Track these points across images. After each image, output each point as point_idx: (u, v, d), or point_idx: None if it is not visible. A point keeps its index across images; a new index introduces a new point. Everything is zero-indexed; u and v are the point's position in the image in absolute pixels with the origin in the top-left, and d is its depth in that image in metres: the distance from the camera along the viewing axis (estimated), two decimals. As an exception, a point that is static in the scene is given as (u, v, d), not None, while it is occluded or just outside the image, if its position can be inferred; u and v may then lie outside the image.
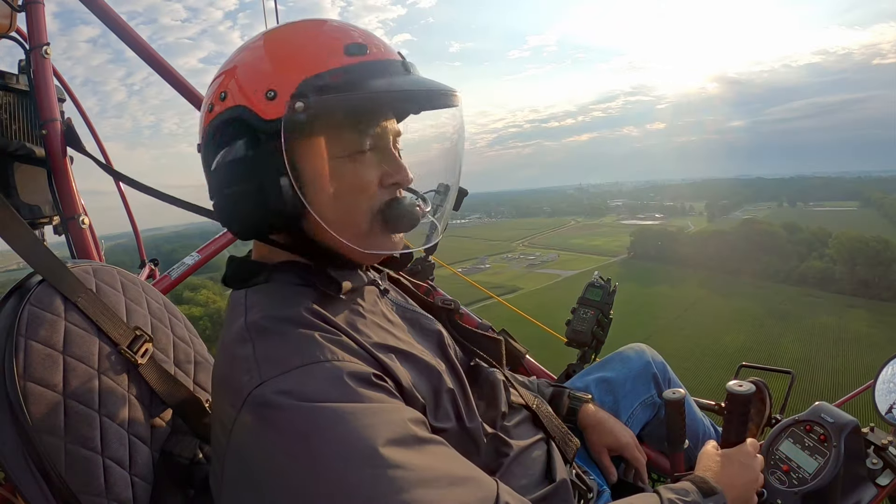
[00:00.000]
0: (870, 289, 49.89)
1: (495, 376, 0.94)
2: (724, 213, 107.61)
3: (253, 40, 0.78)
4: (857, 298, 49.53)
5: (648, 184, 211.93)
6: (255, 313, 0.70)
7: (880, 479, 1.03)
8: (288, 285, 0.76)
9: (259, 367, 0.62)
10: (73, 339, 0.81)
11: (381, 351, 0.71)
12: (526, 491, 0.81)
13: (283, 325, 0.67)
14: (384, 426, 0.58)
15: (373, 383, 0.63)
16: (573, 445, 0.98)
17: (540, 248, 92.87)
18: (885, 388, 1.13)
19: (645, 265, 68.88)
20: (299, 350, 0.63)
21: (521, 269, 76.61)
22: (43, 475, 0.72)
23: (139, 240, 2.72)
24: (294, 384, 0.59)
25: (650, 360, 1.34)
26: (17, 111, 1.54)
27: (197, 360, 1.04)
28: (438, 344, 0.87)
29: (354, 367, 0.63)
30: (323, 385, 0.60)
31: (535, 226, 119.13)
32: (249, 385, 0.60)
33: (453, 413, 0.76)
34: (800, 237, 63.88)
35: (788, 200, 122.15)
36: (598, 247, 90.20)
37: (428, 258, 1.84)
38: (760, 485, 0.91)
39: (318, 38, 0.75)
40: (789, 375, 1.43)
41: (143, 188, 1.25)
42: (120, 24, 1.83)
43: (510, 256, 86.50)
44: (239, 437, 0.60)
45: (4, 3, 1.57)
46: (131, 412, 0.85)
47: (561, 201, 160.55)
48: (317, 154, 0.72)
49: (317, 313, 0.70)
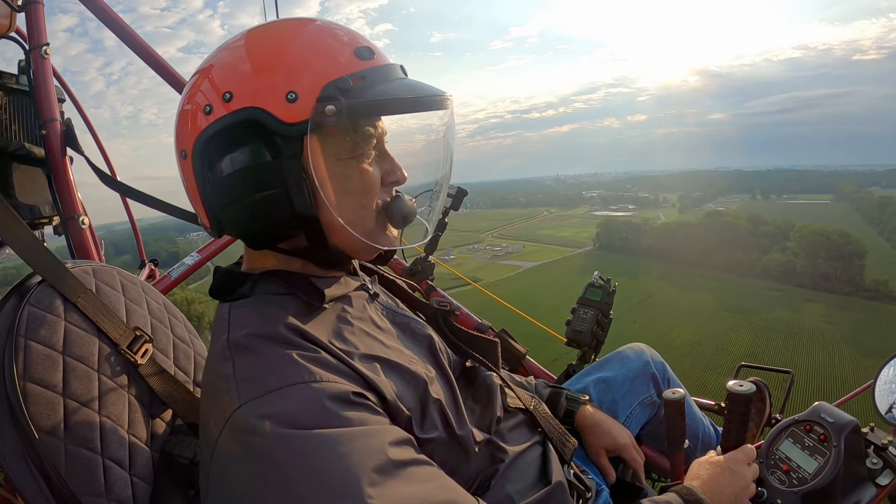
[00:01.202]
0: (830, 283, 49.33)
1: (492, 380, 0.94)
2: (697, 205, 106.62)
3: (249, 40, 0.75)
4: (817, 293, 49.07)
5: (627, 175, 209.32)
6: (237, 330, 0.69)
7: (880, 479, 1.03)
8: (270, 297, 0.75)
9: (238, 387, 0.62)
10: (72, 339, 0.81)
11: (365, 362, 0.70)
12: (522, 495, 0.81)
13: (262, 344, 0.66)
14: (360, 454, 0.57)
15: (353, 403, 0.62)
16: (571, 445, 0.98)
17: (508, 239, 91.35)
18: (885, 388, 1.13)
19: (608, 257, 68.51)
20: (277, 371, 0.62)
21: (484, 261, 75.34)
22: (43, 475, 0.72)
23: (139, 240, 2.72)
24: (272, 408, 0.59)
25: (649, 360, 1.34)
26: (17, 111, 1.54)
27: (197, 360, 1.05)
28: (429, 349, 0.87)
29: (333, 387, 0.62)
30: (300, 409, 0.59)
31: (508, 216, 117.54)
32: (230, 407, 0.60)
33: (441, 422, 0.75)
34: (763, 230, 63.47)
35: (762, 193, 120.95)
36: (566, 238, 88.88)
37: (427, 258, 1.84)
38: (752, 494, 0.91)
39: (327, 41, 0.74)
40: (788, 375, 1.43)
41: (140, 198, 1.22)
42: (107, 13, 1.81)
43: (477, 247, 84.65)
44: (220, 460, 0.60)
45: (4, 4, 1.57)
46: (131, 412, 0.85)
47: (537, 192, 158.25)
48: (335, 156, 0.72)
49: (296, 329, 0.69)
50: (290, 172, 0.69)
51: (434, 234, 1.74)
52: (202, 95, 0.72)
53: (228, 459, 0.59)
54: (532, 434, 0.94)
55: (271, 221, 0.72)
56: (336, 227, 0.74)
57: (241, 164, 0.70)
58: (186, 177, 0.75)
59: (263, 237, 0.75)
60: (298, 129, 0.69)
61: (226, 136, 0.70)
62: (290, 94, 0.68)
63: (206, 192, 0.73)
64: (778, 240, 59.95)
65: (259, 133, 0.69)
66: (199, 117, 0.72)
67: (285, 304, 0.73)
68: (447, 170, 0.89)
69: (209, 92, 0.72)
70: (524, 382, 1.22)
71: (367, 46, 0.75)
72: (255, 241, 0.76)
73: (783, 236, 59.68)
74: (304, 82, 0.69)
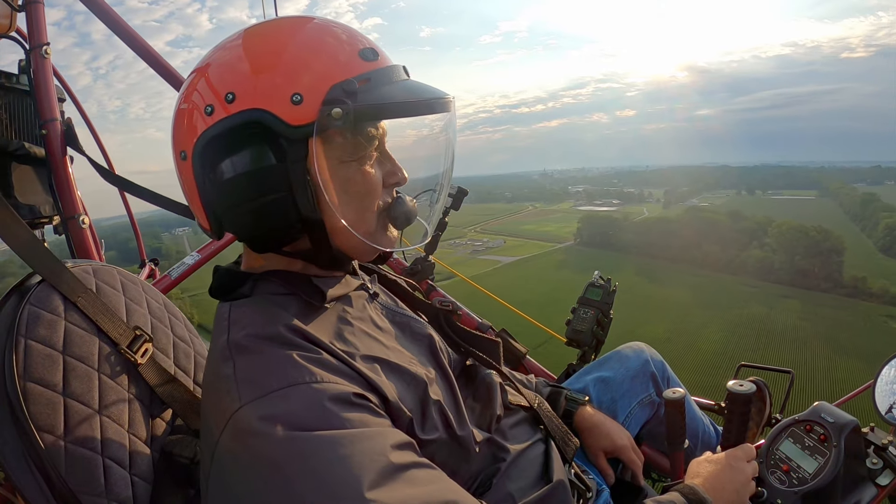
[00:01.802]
0: (808, 279, 48.98)
1: (491, 378, 0.94)
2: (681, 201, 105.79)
3: (249, 39, 0.74)
4: (794, 289, 48.47)
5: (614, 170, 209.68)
6: (237, 331, 0.69)
7: (880, 479, 1.03)
8: (271, 297, 0.75)
9: (239, 388, 0.61)
10: (72, 338, 0.81)
11: (366, 363, 0.70)
12: (523, 492, 0.81)
13: (262, 344, 0.66)
14: (362, 456, 0.57)
15: (354, 404, 0.62)
16: (573, 445, 0.98)
17: (490, 234, 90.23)
18: (885, 389, 1.13)
19: (588, 252, 68.06)
20: (278, 372, 0.62)
21: (464, 256, 74.28)
22: (43, 475, 0.72)
23: (139, 240, 2.73)
24: (273, 409, 0.58)
25: (648, 359, 1.34)
26: (17, 111, 1.54)
27: (197, 359, 1.05)
28: (429, 349, 0.87)
29: (335, 388, 0.62)
30: (301, 411, 0.59)
31: (492, 211, 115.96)
32: (231, 407, 0.60)
33: (442, 423, 0.75)
34: (743, 226, 62.84)
35: (747, 188, 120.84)
36: (548, 233, 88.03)
37: (428, 258, 1.84)
38: (752, 491, 0.91)
39: (330, 41, 0.73)
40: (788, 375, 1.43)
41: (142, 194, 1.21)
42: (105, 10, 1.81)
43: (458, 242, 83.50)
44: (220, 461, 0.60)
45: (4, 4, 1.57)
46: (131, 412, 0.85)
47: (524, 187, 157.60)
48: (339, 158, 0.72)
49: (297, 330, 0.68)
50: (295, 176, 0.69)
51: (434, 235, 1.74)
52: (201, 95, 0.70)
53: (229, 460, 0.59)
54: (534, 432, 0.94)
55: (276, 225, 0.71)
56: (339, 230, 0.73)
57: (245, 166, 0.68)
58: (185, 178, 0.74)
59: (268, 240, 0.74)
60: (303, 132, 0.68)
61: (228, 138, 0.68)
62: (294, 95, 0.67)
63: (208, 194, 0.72)
64: (757, 235, 59.38)
65: (263, 135, 0.68)
66: (198, 118, 0.70)
67: (286, 305, 0.73)
68: (449, 170, 0.89)
69: (209, 92, 0.70)
70: (525, 381, 1.23)
71: (371, 48, 0.74)
72: (258, 244, 0.75)
73: (762, 232, 59.07)
74: (308, 84, 0.68)
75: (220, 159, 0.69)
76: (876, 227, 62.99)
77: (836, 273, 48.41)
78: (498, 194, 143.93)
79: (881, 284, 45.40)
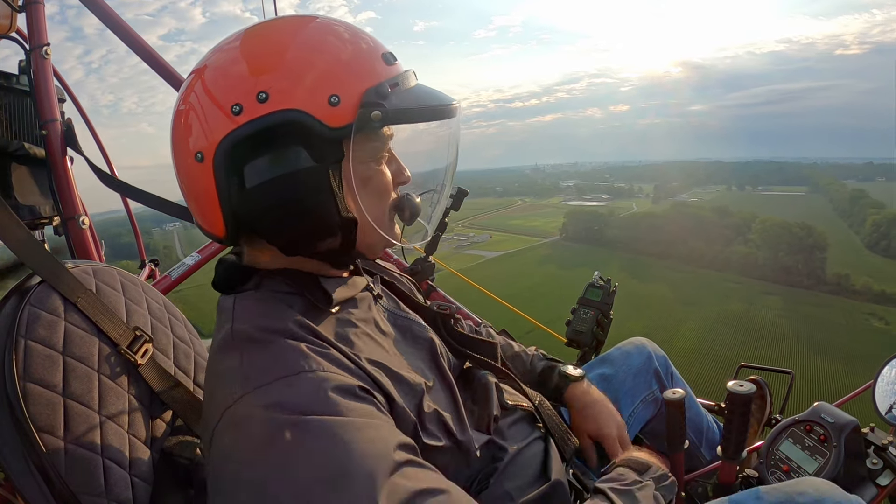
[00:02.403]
0: (791, 276, 48.84)
1: (487, 379, 0.94)
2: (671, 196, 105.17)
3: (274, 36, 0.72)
4: (776, 285, 48.18)
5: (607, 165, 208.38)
6: (243, 322, 0.69)
7: (880, 479, 1.03)
8: (278, 294, 0.75)
9: (243, 377, 0.61)
10: (72, 339, 0.81)
11: (371, 365, 0.70)
12: (521, 492, 0.81)
13: (270, 336, 0.66)
14: (364, 443, 0.56)
15: (359, 396, 0.62)
16: (572, 445, 0.97)
17: (476, 229, 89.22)
18: (886, 389, 1.13)
19: (572, 247, 67.61)
20: (284, 361, 0.62)
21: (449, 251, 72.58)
22: (43, 475, 0.71)
23: (139, 240, 2.73)
24: (276, 396, 0.58)
25: (651, 355, 1.33)
26: (17, 112, 1.54)
27: (197, 360, 1.04)
28: (430, 352, 0.87)
29: (341, 379, 0.62)
30: (305, 397, 0.58)
31: (482, 206, 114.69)
32: (236, 393, 0.60)
33: (443, 431, 0.75)
34: (728, 221, 62.64)
35: (738, 184, 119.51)
36: (535, 228, 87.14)
37: (428, 258, 1.84)
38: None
39: (359, 44, 0.74)
40: (789, 375, 1.44)
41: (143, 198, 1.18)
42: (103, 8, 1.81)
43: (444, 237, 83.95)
44: (221, 446, 0.59)
45: (5, 4, 1.57)
46: (131, 412, 0.84)
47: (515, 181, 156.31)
48: (360, 159, 0.73)
49: (305, 326, 0.68)
50: (335, 177, 0.70)
51: (434, 235, 1.74)
52: (224, 93, 0.68)
53: (230, 445, 0.59)
54: (532, 430, 0.94)
55: (317, 227, 0.70)
56: (364, 228, 0.75)
57: (284, 168, 0.66)
58: (199, 180, 0.70)
59: (305, 242, 0.73)
60: (340, 134, 0.68)
61: (261, 139, 0.66)
62: (332, 97, 0.67)
63: (232, 197, 0.69)
64: (742, 231, 59.16)
65: (297, 136, 0.67)
66: (220, 117, 0.67)
67: (291, 303, 0.74)
68: (452, 170, 0.90)
69: (236, 90, 0.67)
70: (524, 353, 1.21)
71: (390, 52, 0.76)
72: (294, 247, 0.73)
73: (747, 228, 58.85)
74: (344, 86, 0.68)
75: (250, 160, 0.67)
76: (863, 224, 62.87)
77: (818, 270, 48.36)
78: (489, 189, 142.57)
79: (864, 282, 45.16)
